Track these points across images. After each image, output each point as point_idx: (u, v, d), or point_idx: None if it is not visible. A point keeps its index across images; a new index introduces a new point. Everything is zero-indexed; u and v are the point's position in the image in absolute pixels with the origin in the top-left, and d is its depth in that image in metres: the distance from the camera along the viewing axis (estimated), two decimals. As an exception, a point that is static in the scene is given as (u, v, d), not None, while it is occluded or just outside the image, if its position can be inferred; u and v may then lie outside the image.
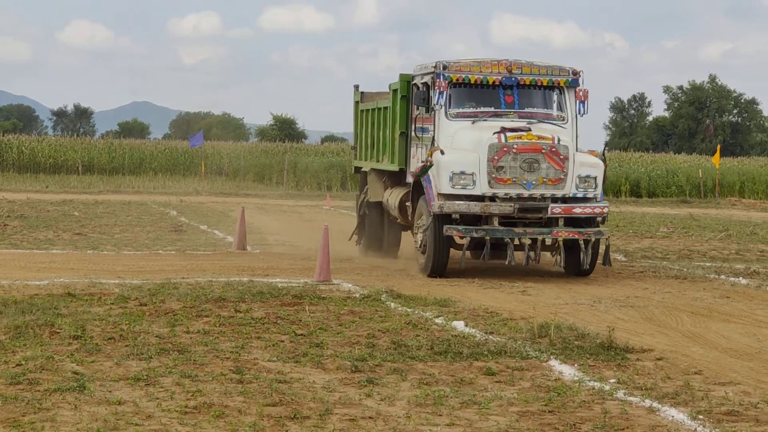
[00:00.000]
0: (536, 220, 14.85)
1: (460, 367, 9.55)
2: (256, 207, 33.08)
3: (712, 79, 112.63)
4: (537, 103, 16.35)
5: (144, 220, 27.85)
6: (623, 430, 7.52)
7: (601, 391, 8.74)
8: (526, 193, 14.63)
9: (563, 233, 14.77)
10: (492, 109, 15.90)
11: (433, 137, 15.57)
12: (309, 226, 24.52)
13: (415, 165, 16.45)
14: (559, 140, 14.89)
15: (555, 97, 16.54)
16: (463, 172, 14.55)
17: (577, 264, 15.28)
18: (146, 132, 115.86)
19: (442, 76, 15.32)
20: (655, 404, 8.32)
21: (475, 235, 14.37)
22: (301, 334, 10.90)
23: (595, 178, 15.23)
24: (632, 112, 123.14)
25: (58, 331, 10.70)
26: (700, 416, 7.97)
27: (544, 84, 16.20)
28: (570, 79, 16.26)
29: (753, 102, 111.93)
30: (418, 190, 15.88)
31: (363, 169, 20.27)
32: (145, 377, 8.82)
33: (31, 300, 12.70)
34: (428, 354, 10.06)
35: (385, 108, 18.13)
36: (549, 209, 14.72)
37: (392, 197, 17.77)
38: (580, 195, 15.00)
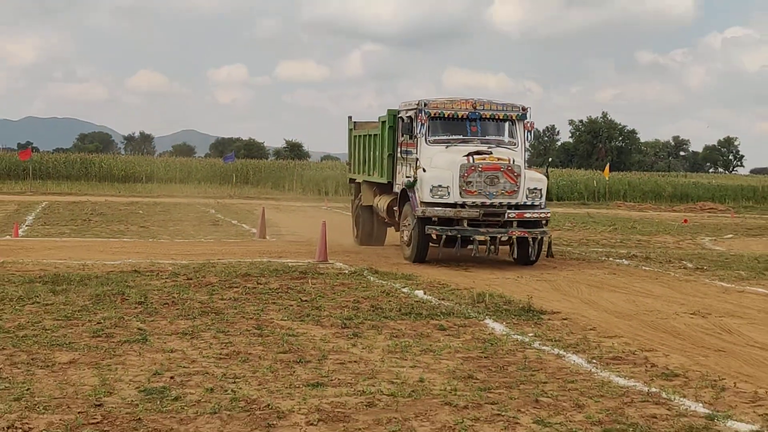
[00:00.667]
0: (495, 222, 14.50)
1: (420, 324, 9.56)
2: (273, 207, 32.98)
3: (605, 115, 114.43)
4: (495, 132, 15.93)
5: (190, 216, 27.74)
6: (538, 371, 7.55)
7: (522, 342, 8.76)
8: (488, 202, 14.39)
9: (516, 232, 14.41)
10: (461, 137, 15.54)
11: (416, 158, 15.19)
12: (311, 221, 24.41)
13: (400, 179, 16.04)
14: (513, 161, 14.72)
15: (508, 127, 16.15)
16: (440, 186, 14.28)
17: (526, 256, 14.97)
18: (192, 152, 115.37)
19: (423, 112, 15.09)
20: (561, 352, 8.37)
21: (449, 233, 14.25)
22: (305, 300, 10.89)
23: (540, 189, 14.95)
24: (546, 138, 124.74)
25: (126, 298, 10.66)
26: (594, 360, 8.05)
27: (500, 117, 15.93)
28: (520, 114, 16.01)
29: (633, 132, 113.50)
30: (404, 198, 15.54)
31: (357, 180, 19.64)
32: (190, 332, 8.80)
33: (107, 275, 12.66)
34: (397, 314, 10.06)
35: (375, 135, 17.69)
36: (506, 214, 14.46)
37: (381, 202, 17.37)
38: (529, 203, 14.71)
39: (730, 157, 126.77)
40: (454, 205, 14.32)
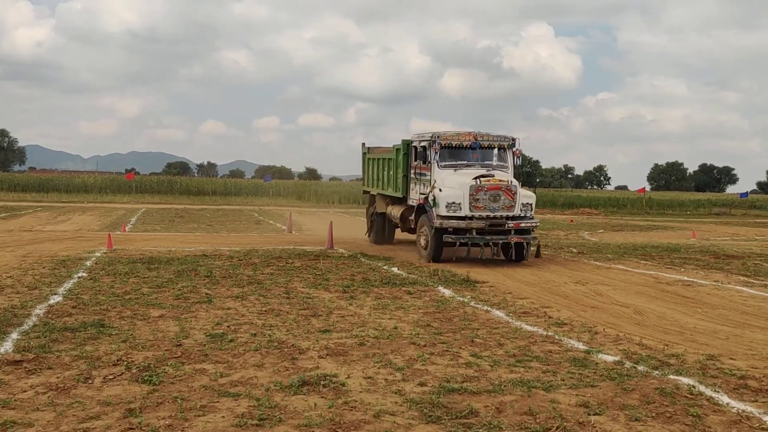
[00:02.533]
0: (498, 231, 12.84)
1: (395, 290, 9.50)
2: (297, 212, 32.83)
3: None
4: (491, 158, 14.07)
5: (241, 218, 27.55)
6: (473, 321, 7.53)
7: (463, 302, 8.72)
8: (491, 215, 12.73)
9: (514, 239, 12.89)
10: (465, 162, 13.70)
11: (431, 179, 13.52)
12: (323, 221, 24.33)
13: (414, 195, 14.36)
14: (510, 182, 13.01)
15: (501, 154, 14.19)
16: (454, 202, 12.64)
17: (520, 256, 13.37)
18: (243, 174, 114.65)
19: (437, 143, 13.43)
20: (489, 308, 8.34)
21: (462, 240, 12.69)
22: (318, 274, 10.83)
23: (531, 204, 13.25)
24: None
25: (198, 273, 10.56)
26: (510, 314, 8.03)
27: (495, 146, 14.10)
28: (510, 143, 14.11)
29: (537, 162, 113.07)
30: (420, 211, 13.70)
31: (371, 193, 17.69)
32: (241, 296, 8.73)
33: (185, 258, 12.54)
34: (380, 283, 10.00)
35: (389, 158, 15.81)
36: (506, 224, 12.83)
37: (395, 211, 15.46)
38: (522, 215, 13.05)
39: (602, 178, 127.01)
40: (464, 218, 12.70)
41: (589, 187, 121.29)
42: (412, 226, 14.32)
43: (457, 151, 13.77)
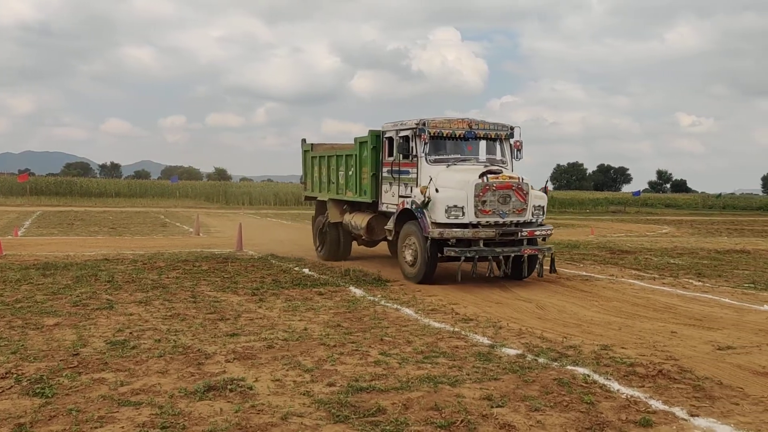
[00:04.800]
0: (510, 241, 10.39)
1: (305, 291, 9.44)
2: (205, 214, 31.96)
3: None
4: (488, 151, 11.55)
5: (146, 220, 26.50)
6: (383, 320, 7.60)
7: (374, 301, 8.78)
8: (500, 221, 10.24)
9: (528, 250, 10.41)
10: (459, 156, 11.15)
11: (417, 178, 10.87)
12: (232, 223, 23.82)
13: (389, 199, 11.67)
14: (522, 179, 10.45)
15: (498, 146, 11.64)
16: (455, 206, 10.06)
17: (531, 271, 10.88)
18: (148, 175, 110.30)
19: (425, 131, 10.73)
20: (398, 306, 8.44)
21: (468, 254, 10.06)
22: (226, 277, 10.60)
23: (543, 207, 10.82)
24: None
25: (99, 278, 10.10)
26: (419, 311, 8.16)
27: (492, 137, 11.45)
28: (508, 133, 11.56)
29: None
30: (403, 218, 10.93)
31: (319, 198, 14.65)
32: (145, 301, 8.42)
33: (84, 262, 11.95)
34: (290, 285, 9.92)
35: (348, 155, 12.98)
36: (518, 233, 10.36)
37: (356, 220, 12.77)
38: (534, 220, 10.65)
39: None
40: (468, 225, 10.17)
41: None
42: (389, 238, 11.61)
43: (446, 143, 11.23)
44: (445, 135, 11.09)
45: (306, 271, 11.59)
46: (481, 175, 10.18)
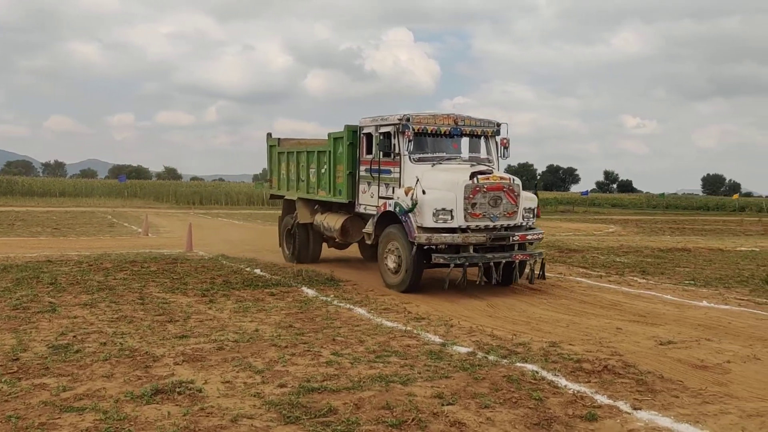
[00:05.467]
0: (500, 246, 9.63)
1: (257, 292, 9.34)
2: (154, 214, 31.24)
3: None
4: (473, 149, 10.71)
5: (92, 221, 25.71)
6: (336, 320, 7.58)
7: (326, 301, 8.75)
8: (491, 225, 9.46)
9: (519, 256, 9.67)
10: (444, 154, 10.29)
11: (400, 178, 10.01)
12: (182, 223, 23.37)
13: (366, 200, 10.77)
14: (513, 180, 9.73)
15: (484, 144, 10.73)
16: (444, 209, 9.19)
17: (517, 277, 9.98)
18: (95, 174, 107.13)
19: (409, 127, 9.84)
20: (351, 306, 8.43)
21: (458, 261, 9.23)
22: (176, 278, 10.39)
23: (534, 209, 10.09)
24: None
25: (41, 280, 9.76)
26: (372, 311, 8.17)
27: (478, 133, 10.59)
28: (495, 129, 10.71)
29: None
30: (385, 221, 10.07)
31: (287, 197, 13.72)
32: (90, 303, 8.18)
33: (26, 264, 11.53)
34: (241, 286, 9.80)
35: (320, 152, 12.05)
36: (510, 238, 9.57)
37: (329, 221, 11.96)
38: (524, 224, 9.89)
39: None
40: (457, 230, 9.36)
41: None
42: (369, 242, 10.73)
43: (430, 140, 10.39)
44: (429, 131, 10.24)
45: (258, 271, 11.46)
46: (472, 176, 9.41)
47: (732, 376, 5.67)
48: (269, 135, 14.47)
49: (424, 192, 9.23)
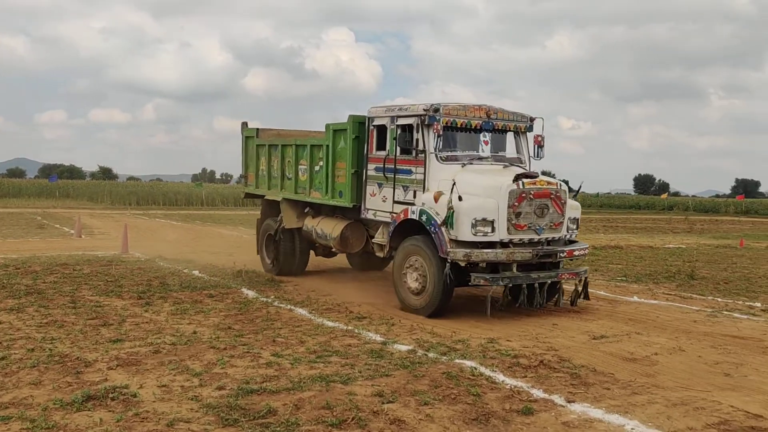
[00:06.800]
0: (547, 264, 8.23)
1: (195, 294, 9.15)
2: (88, 215, 30.13)
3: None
4: (504, 147, 9.14)
5: (20, 222, 24.56)
6: (276, 321, 7.52)
7: (267, 302, 8.66)
8: (536, 238, 7.99)
9: (566, 275, 8.32)
10: (474, 152, 8.71)
11: (424, 180, 8.38)
12: (117, 224, 22.63)
13: (375, 204, 9.13)
14: (560, 185, 8.26)
15: (515, 141, 9.24)
16: (484, 219, 7.67)
17: (552, 296, 8.56)
18: (24, 174, 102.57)
19: (437, 119, 8.30)
20: (292, 307, 8.38)
21: (501, 283, 7.78)
22: (111, 281, 10.07)
23: (578, 220, 8.64)
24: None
25: (-37, 285, 9.30)
26: (313, 311, 8.14)
27: (510, 129, 9.06)
28: (528, 125, 9.22)
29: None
30: (401, 231, 8.52)
31: (267, 197, 11.78)
32: (17, 308, 7.83)
33: (-53, 268, 10.95)
34: (179, 288, 9.57)
35: (316, 145, 10.29)
36: (557, 254, 8.16)
37: (324, 226, 10.22)
38: (568, 237, 8.48)
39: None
40: (498, 244, 7.85)
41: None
42: (382, 255, 9.31)
43: (461, 136, 8.80)
44: (458, 125, 8.63)
45: (196, 273, 11.23)
46: (515, 179, 7.92)
47: (659, 367, 5.92)
48: (245, 124, 12.62)
49: (460, 198, 7.71)
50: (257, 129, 12.22)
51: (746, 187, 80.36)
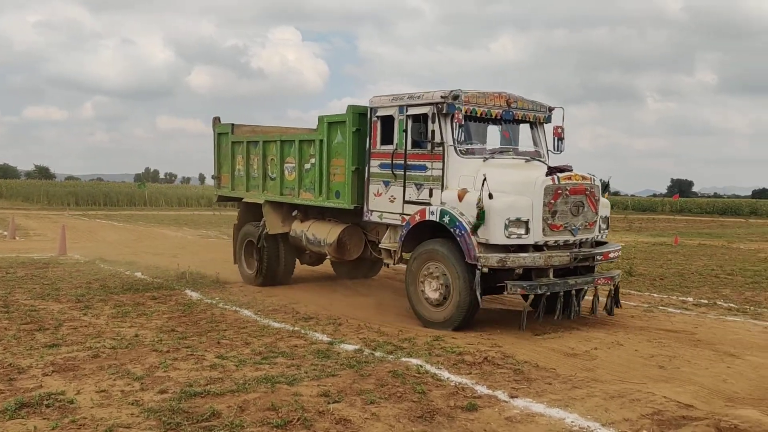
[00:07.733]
0: (583, 268, 7.62)
1: (137, 296, 8.95)
2: (23, 216, 28.96)
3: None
4: (524, 139, 8.40)
5: (-50, 223, 23.53)
6: (221, 322, 7.41)
7: (211, 304, 8.53)
8: (571, 239, 7.27)
9: (602, 280, 7.64)
10: (493, 145, 8.04)
11: (443, 176, 7.48)
12: (55, 225, 21.84)
13: (380, 206, 8.23)
14: (594, 180, 7.52)
15: (533, 133, 8.49)
16: (518, 219, 6.90)
17: (579, 306, 7.80)
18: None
19: (457, 107, 7.42)
20: (237, 308, 8.29)
21: (539, 291, 6.99)
22: (47, 284, 9.73)
23: (608, 218, 7.96)
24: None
25: None
26: (259, 312, 8.06)
27: (530, 119, 8.31)
28: (546, 115, 8.49)
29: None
30: (415, 234, 7.72)
31: (246, 200, 10.64)
32: (-55, 313, 7.48)
33: None
34: (121, 290, 9.33)
35: (306, 140, 9.33)
36: (594, 258, 7.48)
37: (317, 231, 9.35)
38: (600, 237, 7.78)
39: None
40: (532, 247, 7.10)
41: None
42: (391, 263, 8.55)
43: (481, 126, 8.08)
44: (479, 115, 7.82)
45: (138, 274, 10.96)
46: (549, 173, 7.16)
47: (598, 361, 6.10)
48: (217, 119, 11.40)
49: (491, 196, 6.91)
50: (232, 125, 11.09)
51: (681, 187, 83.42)
